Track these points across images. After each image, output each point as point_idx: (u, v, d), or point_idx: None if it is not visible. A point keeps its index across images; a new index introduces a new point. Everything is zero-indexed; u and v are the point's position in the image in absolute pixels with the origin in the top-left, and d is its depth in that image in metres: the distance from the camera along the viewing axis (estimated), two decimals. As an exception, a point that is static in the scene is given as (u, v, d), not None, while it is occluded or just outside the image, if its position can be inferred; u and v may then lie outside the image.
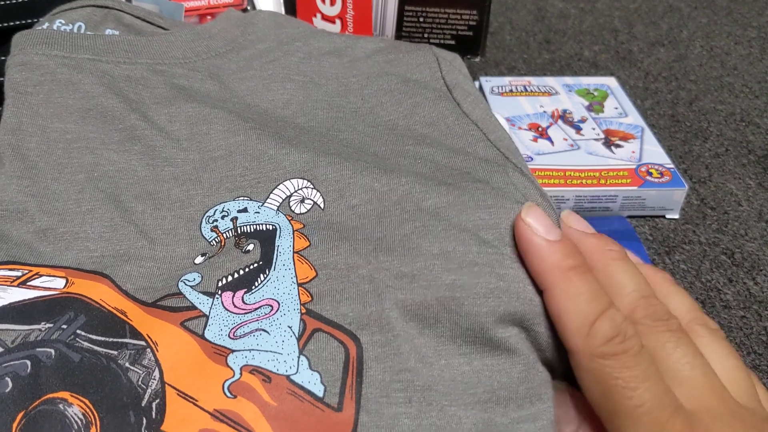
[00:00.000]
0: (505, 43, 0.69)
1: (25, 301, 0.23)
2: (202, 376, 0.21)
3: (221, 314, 0.23)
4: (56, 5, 0.36)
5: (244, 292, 0.24)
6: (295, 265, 0.25)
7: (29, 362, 0.21)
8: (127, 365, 0.22)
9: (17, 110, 0.30)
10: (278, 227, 0.26)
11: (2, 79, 0.34)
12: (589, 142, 0.49)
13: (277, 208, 0.27)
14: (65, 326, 0.23)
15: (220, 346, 0.22)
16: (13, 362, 0.21)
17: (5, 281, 0.24)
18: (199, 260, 0.26)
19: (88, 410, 0.20)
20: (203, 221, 0.27)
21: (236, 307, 0.23)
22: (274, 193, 0.27)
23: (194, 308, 0.24)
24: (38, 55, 0.31)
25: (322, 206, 0.27)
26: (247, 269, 0.25)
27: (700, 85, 0.62)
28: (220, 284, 0.24)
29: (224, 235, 0.26)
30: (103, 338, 0.22)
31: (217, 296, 0.24)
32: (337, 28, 0.52)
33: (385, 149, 0.30)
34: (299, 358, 0.22)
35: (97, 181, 0.28)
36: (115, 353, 0.22)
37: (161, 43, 0.34)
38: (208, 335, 0.23)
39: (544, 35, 0.70)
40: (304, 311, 0.23)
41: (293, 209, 0.27)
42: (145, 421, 0.20)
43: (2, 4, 0.40)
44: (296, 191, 0.27)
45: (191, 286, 0.24)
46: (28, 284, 0.24)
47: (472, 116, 0.32)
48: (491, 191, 0.26)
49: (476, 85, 0.56)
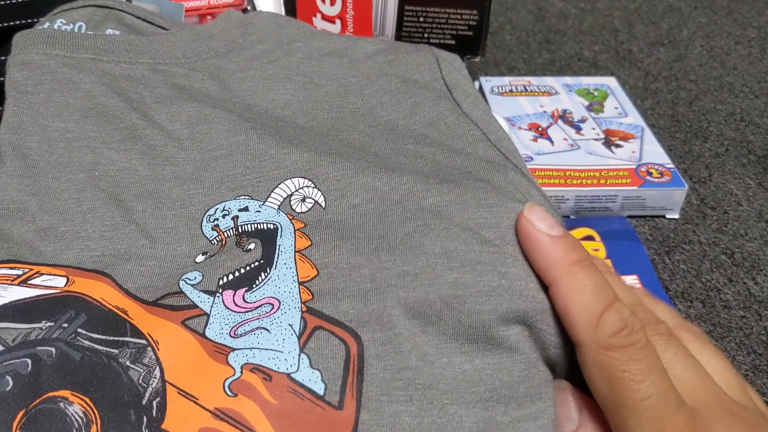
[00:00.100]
0: (505, 43, 0.69)
1: (25, 299, 0.23)
2: (202, 374, 0.21)
3: (222, 313, 0.23)
4: (57, 5, 0.36)
5: (244, 290, 0.24)
6: (296, 264, 0.25)
7: (30, 361, 0.21)
8: (127, 364, 0.22)
9: (18, 109, 0.30)
10: (279, 226, 0.26)
11: (3, 78, 0.34)
12: (589, 142, 0.49)
13: (278, 207, 0.27)
14: (66, 325, 0.23)
15: (220, 344, 0.22)
16: (13, 361, 0.21)
17: (6, 280, 0.24)
18: (200, 259, 0.26)
19: (88, 409, 0.21)
20: (204, 220, 0.27)
21: (237, 305, 0.23)
22: (275, 192, 0.27)
23: (195, 307, 0.24)
24: (39, 54, 0.32)
25: (323, 205, 0.27)
26: (248, 268, 0.25)
27: (700, 85, 0.62)
28: (221, 283, 0.24)
29: (225, 233, 0.26)
30: (103, 337, 0.22)
31: (217, 295, 0.24)
32: (337, 28, 0.52)
33: (385, 149, 0.30)
34: (300, 356, 0.22)
35: (97, 180, 0.28)
36: (115, 352, 0.22)
37: (162, 43, 0.34)
38: (208, 334, 0.23)
39: (544, 35, 0.70)
40: (304, 309, 0.23)
41: (294, 208, 0.27)
42: (145, 419, 0.20)
43: (2, 4, 0.40)
44: (297, 190, 0.27)
45: (192, 284, 0.24)
46: (28, 283, 0.24)
47: (472, 116, 0.32)
48: (492, 190, 0.26)
49: (476, 85, 0.56)
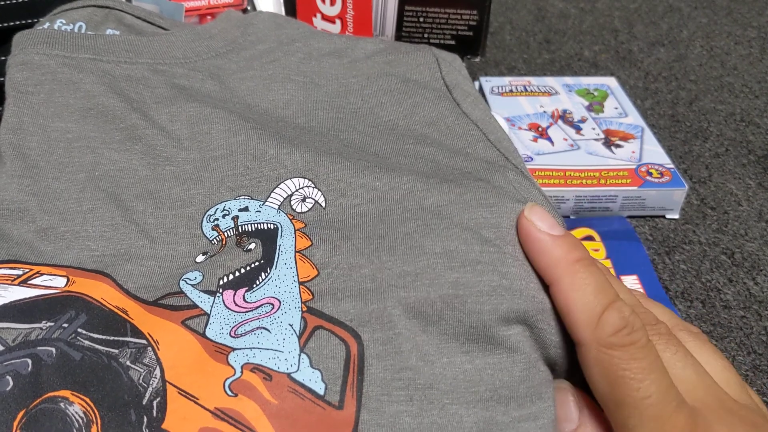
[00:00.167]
0: (505, 43, 0.69)
1: (26, 299, 0.23)
2: (203, 374, 0.21)
3: (222, 313, 0.23)
4: (57, 5, 0.36)
5: (245, 290, 0.24)
6: (296, 264, 0.25)
7: (30, 361, 0.21)
8: (128, 364, 0.22)
9: (18, 110, 0.30)
10: (279, 226, 0.26)
11: (3, 78, 0.34)
12: (589, 142, 0.49)
13: (278, 207, 0.27)
14: (66, 325, 0.23)
15: (221, 344, 0.22)
16: (14, 361, 0.21)
17: (6, 280, 0.24)
18: (200, 259, 0.26)
19: (89, 408, 0.21)
20: (204, 220, 0.27)
21: (237, 305, 0.23)
22: (275, 192, 0.27)
23: (195, 307, 0.24)
24: (39, 54, 0.32)
25: (323, 205, 0.27)
26: (248, 267, 0.25)
27: (700, 85, 0.62)
28: (221, 283, 0.24)
29: (225, 233, 0.26)
30: (104, 337, 0.22)
31: (218, 295, 0.24)
32: (337, 28, 0.52)
33: (385, 149, 0.30)
34: (300, 356, 0.22)
35: (98, 180, 0.28)
36: (116, 352, 0.22)
37: (162, 43, 0.34)
38: (209, 334, 0.23)
39: (544, 35, 0.70)
40: (305, 309, 0.23)
41: (294, 208, 0.27)
42: (145, 419, 0.20)
43: (2, 4, 0.40)
44: (297, 190, 0.27)
45: (192, 284, 0.24)
46: (29, 283, 0.24)
47: (471, 116, 0.32)
48: (492, 190, 0.26)
49: (476, 85, 0.56)
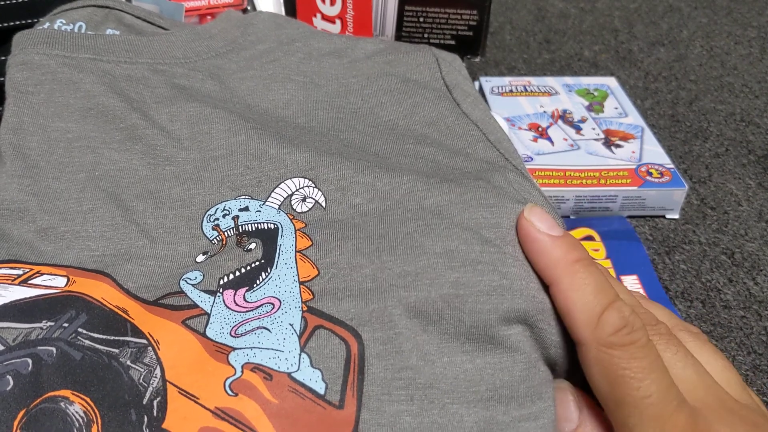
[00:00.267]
0: (505, 43, 0.69)
1: (26, 299, 0.23)
2: (203, 374, 0.21)
3: (222, 312, 0.23)
4: (57, 5, 0.36)
5: (245, 290, 0.24)
6: (297, 263, 0.25)
7: (30, 360, 0.21)
8: (128, 363, 0.22)
9: (18, 109, 0.30)
10: (280, 226, 0.26)
11: (3, 78, 0.34)
12: (589, 142, 0.49)
13: (278, 206, 0.27)
14: (66, 324, 0.23)
15: (221, 344, 0.22)
16: (14, 360, 0.21)
17: (6, 280, 0.24)
18: (200, 259, 0.26)
19: (89, 408, 0.21)
20: (204, 220, 0.27)
21: (237, 305, 0.23)
22: (275, 192, 0.27)
23: (195, 306, 0.24)
24: (39, 54, 0.32)
25: (323, 205, 0.27)
26: (248, 267, 0.25)
27: (700, 85, 0.62)
28: (221, 282, 0.24)
29: (226, 233, 0.26)
30: (104, 336, 0.22)
31: (218, 294, 0.24)
32: (337, 28, 0.52)
33: (385, 148, 0.30)
34: (300, 355, 0.22)
35: (98, 180, 0.28)
36: (116, 351, 0.22)
37: (162, 43, 0.34)
38: (209, 333, 0.23)
39: (544, 35, 0.70)
40: (305, 309, 0.23)
41: (295, 208, 0.27)
42: (146, 419, 0.20)
43: (2, 4, 0.40)
44: (297, 190, 0.27)
45: (192, 284, 0.24)
46: (29, 283, 0.24)
47: (471, 117, 0.32)
48: (493, 190, 0.26)
49: (476, 85, 0.56)
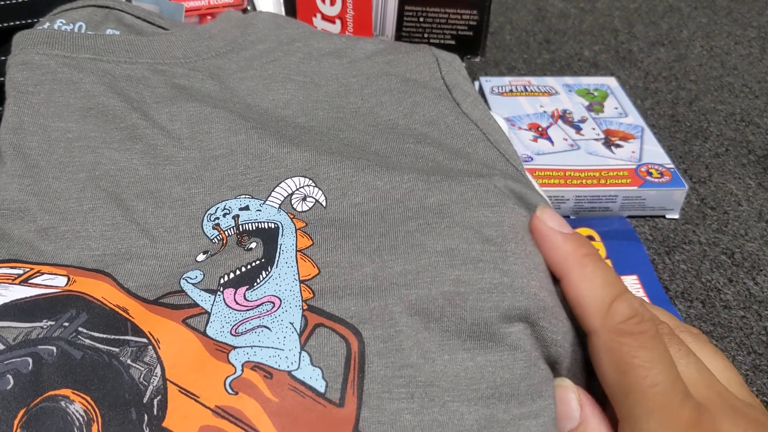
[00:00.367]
0: (505, 43, 0.69)
1: (26, 299, 0.23)
2: (203, 372, 0.21)
3: (223, 311, 0.23)
4: (57, 5, 0.36)
5: (245, 289, 0.24)
6: (297, 262, 0.25)
7: (31, 360, 0.21)
8: (128, 362, 0.22)
9: (18, 109, 0.30)
10: (280, 225, 0.26)
11: (3, 78, 0.34)
12: (589, 142, 0.49)
13: (278, 206, 0.27)
14: (67, 324, 0.23)
15: (221, 342, 0.22)
16: (14, 360, 0.21)
17: (7, 279, 0.24)
18: (200, 258, 0.26)
19: (89, 407, 0.21)
20: (205, 219, 0.27)
21: (238, 303, 0.24)
22: (275, 191, 0.27)
23: (196, 305, 0.24)
24: (39, 54, 0.32)
25: (324, 204, 0.27)
26: (249, 266, 0.25)
27: (700, 85, 0.62)
28: (222, 281, 0.24)
29: (226, 232, 0.26)
30: (104, 335, 0.22)
31: (218, 293, 0.24)
32: (337, 28, 0.52)
33: (386, 148, 0.30)
34: (301, 354, 0.22)
35: (98, 179, 0.28)
36: (116, 350, 0.22)
37: (162, 43, 0.34)
38: (209, 332, 0.23)
39: (544, 35, 0.70)
40: (305, 307, 0.23)
41: (295, 207, 0.27)
42: (146, 417, 0.20)
43: (2, 4, 0.40)
44: (298, 189, 0.27)
45: (193, 283, 0.24)
46: (29, 282, 0.24)
47: (471, 116, 0.32)
48: (494, 189, 0.26)
49: (476, 85, 0.56)
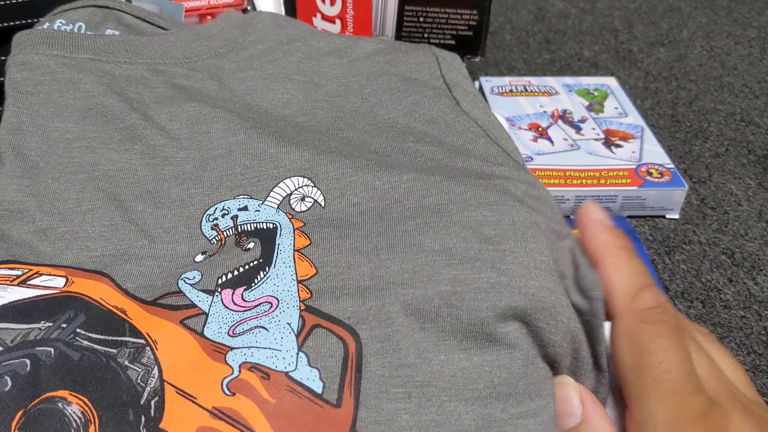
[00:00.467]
0: (505, 43, 0.69)
1: (25, 300, 0.23)
2: (201, 373, 0.21)
3: (221, 312, 0.23)
4: (56, 5, 0.36)
5: (243, 289, 0.24)
6: (295, 262, 0.25)
7: (29, 361, 0.21)
8: (126, 363, 0.22)
9: (18, 110, 0.30)
10: (279, 225, 0.26)
11: (3, 78, 0.34)
12: (589, 142, 0.49)
13: (277, 206, 0.27)
14: (65, 325, 0.23)
15: (219, 343, 0.22)
16: (12, 361, 0.21)
17: (5, 280, 0.24)
18: (199, 258, 0.26)
19: (87, 408, 0.21)
20: (203, 219, 0.27)
21: (236, 304, 0.23)
22: (274, 191, 0.27)
23: (194, 306, 0.24)
24: (39, 54, 0.32)
25: (322, 204, 0.27)
26: (247, 266, 0.25)
27: (700, 85, 0.62)
28: (219, 282, 0.24)
29: (225, 233, 0.26)
30: (102, 337, 0.22)
31: (216, 294, 0.24)
32: (337, 28, 0.52)
33: (385, 147, 0.30)
34: (298, 354, 0.22)
35: (97, 180, 0.28)
36: (114, 351, 0.22)
37: (161, 43, 0.34)
38: (207, 333, 0.23)
39: (544, 35, 0.70)
40: (303, 308, 0.23)
41: (294, 207, 0.27)
42: (143, 419, 0.20)
43: (2, 4, 0.40)
44: (296, 189, 0.27)
45: (191, 284, 0.24)
46: (28, 283, 0.24)
47: (471, 115, 0.32)
48: (493, 188, 0.26)
49: (476, 85, 0.56)
